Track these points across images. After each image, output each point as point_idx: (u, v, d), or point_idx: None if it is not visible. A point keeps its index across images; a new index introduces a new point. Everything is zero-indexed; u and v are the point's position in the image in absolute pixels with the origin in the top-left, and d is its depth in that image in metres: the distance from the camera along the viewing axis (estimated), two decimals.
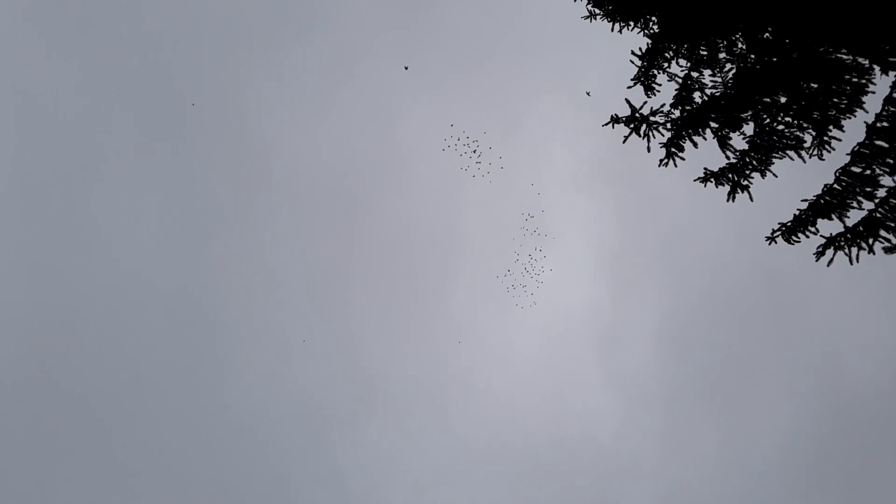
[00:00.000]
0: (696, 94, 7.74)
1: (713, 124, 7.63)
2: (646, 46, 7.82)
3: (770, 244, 7.62)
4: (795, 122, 7.59)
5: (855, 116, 7.75)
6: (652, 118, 7.69)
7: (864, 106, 7.55)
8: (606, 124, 7.73)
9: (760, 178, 7.67)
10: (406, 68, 42.32)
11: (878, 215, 7.31)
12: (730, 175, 7.66)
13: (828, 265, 7.53)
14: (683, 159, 7.73)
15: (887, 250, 7.06)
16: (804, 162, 7.53)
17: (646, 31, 7.97)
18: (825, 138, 7.57)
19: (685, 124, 7.67)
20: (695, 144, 7.69)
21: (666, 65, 7.88)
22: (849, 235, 7.46)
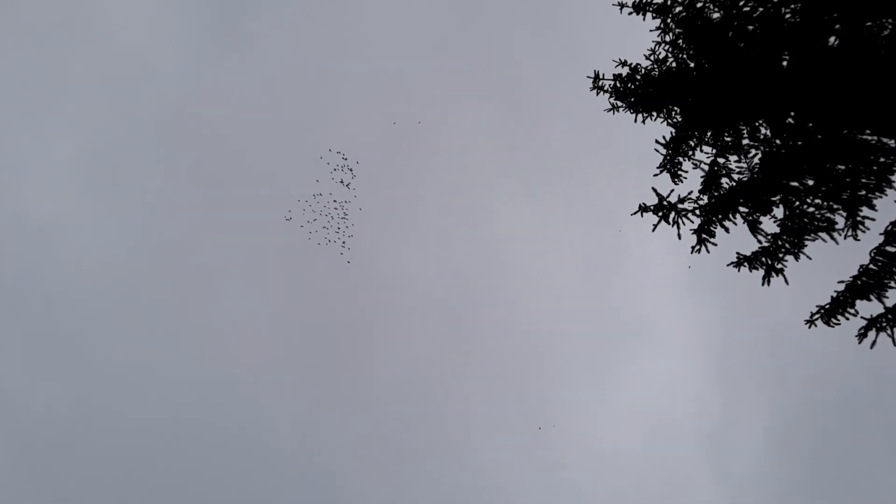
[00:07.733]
0: (724, 180, 7.86)
1: (742, 209, 7.72)
2: (669, 135, 8.00)
3: (810, 327, 7.57)
4: (825, 203, 7.64)
5: (886, 195, 7.77)
6: (680, 205, 7.81)
7: (894, 184, 7.58)
8: (635, 213, 7.86)
9: (794, 260, 7.68)
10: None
11: None
12: (763, 259, 7.69)
13: (871, 347, 7.43)
14: (715, 244, 7.79)
15: None
16: (836, 244, 7.54)
17: (669, 121, 8.17)
18: (857, 218, 7.59)
19: (714, 210, 7.76)
20: (726, 230, 7.76)
21: (690, 152, 8.03)
22: (889, 316, 7.39)
